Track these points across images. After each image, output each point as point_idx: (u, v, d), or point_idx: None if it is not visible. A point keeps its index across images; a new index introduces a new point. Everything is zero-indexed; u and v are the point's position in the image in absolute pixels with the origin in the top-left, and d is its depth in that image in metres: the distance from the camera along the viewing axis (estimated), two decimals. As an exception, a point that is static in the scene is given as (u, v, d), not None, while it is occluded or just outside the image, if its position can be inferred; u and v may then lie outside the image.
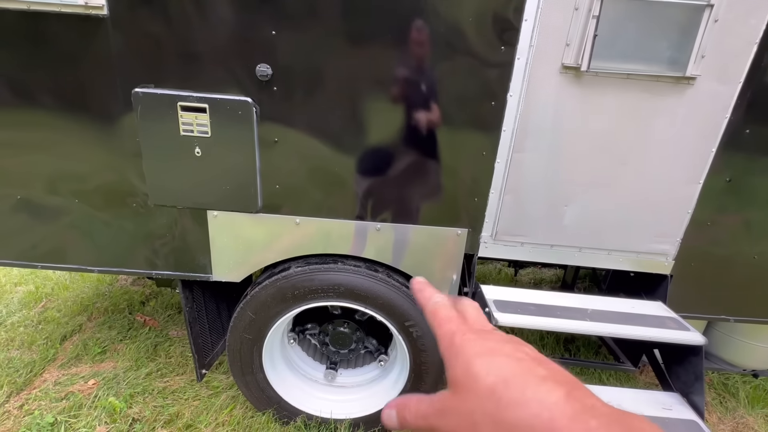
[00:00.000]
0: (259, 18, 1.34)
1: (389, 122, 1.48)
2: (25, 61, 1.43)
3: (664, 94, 1.39)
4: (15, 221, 1.66)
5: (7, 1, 1.34)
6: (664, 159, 1.48)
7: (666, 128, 1.44)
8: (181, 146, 1.50)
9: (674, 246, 1.62)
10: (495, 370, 0.27)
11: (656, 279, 1.72)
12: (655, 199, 1.54)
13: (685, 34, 1.31)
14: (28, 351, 2.43)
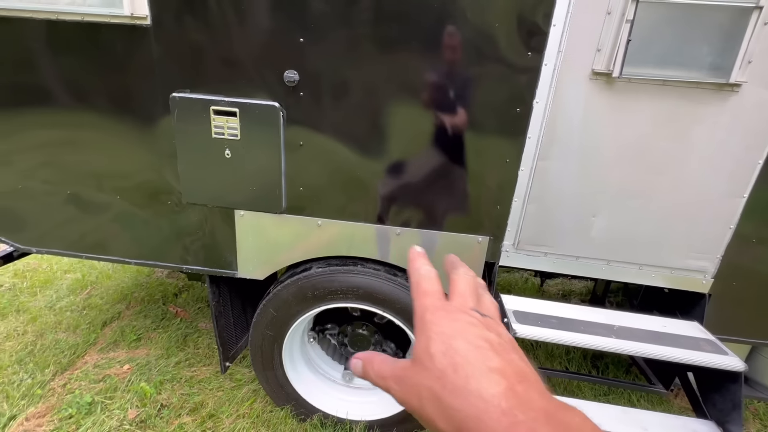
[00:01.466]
0: (288, 26, 1.39)
1: (412, 128, 1.48)
2: (77, 67, 1.56)
3: (704, 102, 1.31)
4: (65, 214, 1.80)
5: (65, 14, 1.46)
6: (703, 170, 1.39)
7: (706, 138, 1.35)
8: (213, 148, 1.58)
9: (713, 263, 1.51)
10: (449, 354, 0.27)
11: (693, 298, 1.61)
12: (693, 212, 1.44)
13: (729, 38, 1.23)
14: (73, 334, 2.62)
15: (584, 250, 1.55)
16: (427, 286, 0.34)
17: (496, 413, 0.24)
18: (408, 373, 0.30)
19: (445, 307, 0.32)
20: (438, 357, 0.28)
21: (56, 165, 1.72)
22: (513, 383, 0.25)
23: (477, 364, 0.27)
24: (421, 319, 0.31)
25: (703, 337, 1.46)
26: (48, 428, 1.92)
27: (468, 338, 0.28)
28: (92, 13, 1.45)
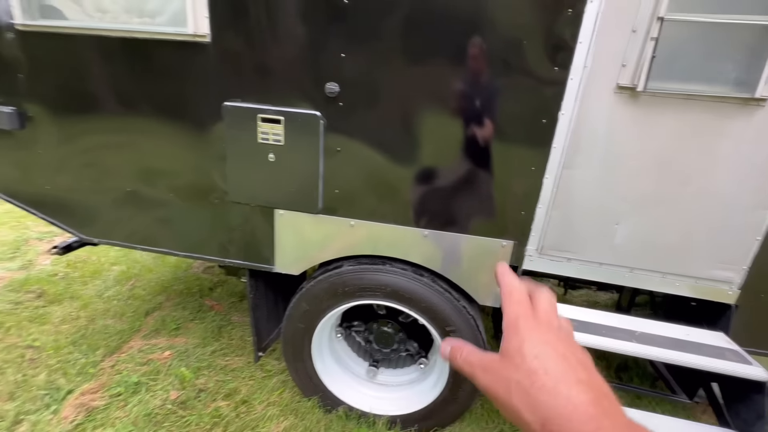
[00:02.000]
0: (330, 43, 1.53)
1: (442, 136, 1.59)
2: (143, 78, 1.76)
3: (730, 116, 1.35)
4: (122, 209, 2.00)
5: (138, 32, 1.66)
6: (729, 182, 1.42)
7: (731, 151, 1.38)
8: (258, 152, 1.74)
9: (740, 274, 1.52)
10: (542, 358, 0.32)
11: (719, 309, 1.62)
12: (718, 223, 1.47)
13: (754, 54, 1.27)
14: (120, 321, 2.85)
15: (607, 256, 1.59)
16: (518, 296, 0.38)
17: (585, 416, 0.28)
18: (496, 366, 0.34)
19: (536, 318, 0.36)
20: (530, 358, 0.32)
21: (118, 165, 1.92)
22: (599, 396, 0.29)
23: (566, 373, 0.31)
24: (514, 324, 0.36)
25: (727, 347, 1.47)
26: (100, 403, 2.11)
27: (557, 350, 0.33)
28: (161, 32, 1.64)
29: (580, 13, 1.33)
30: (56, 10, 1.78)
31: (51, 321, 2.79)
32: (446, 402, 2.00)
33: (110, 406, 2.10)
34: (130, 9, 1.72)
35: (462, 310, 1.82)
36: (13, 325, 2.71)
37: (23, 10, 1.74)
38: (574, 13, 1.34)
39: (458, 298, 1.82)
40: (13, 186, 2.09)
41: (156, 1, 1.70)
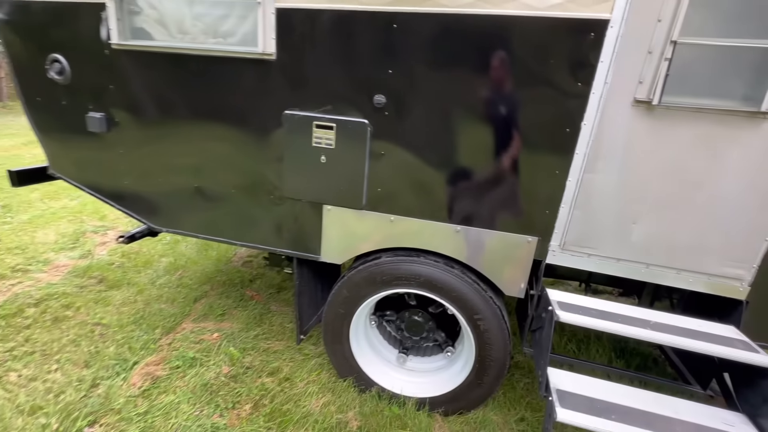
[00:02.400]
0: (380, 61, 1.78)
1: (476, 142, 1.79)
2: (216, 89, 2.04)
3: (738, 127, 1.51)
4: (190, 203, 2.29)
5: (215, 51, 1.95)
6: (738, 186, 1.57)
7: (741, 158, 1.54)
8: (312, 154, 1.99)
9: (750, 272, 1.66)
10: None
11: (731, 304, 1.75)
12: (729, 224, 1.62)
13: (760, 73, 1.43)
14: (171, 305, 3.15)
15: (625, 253, 1.76)
16: None
17: None
18: None
19: None
20: None
21: (188, 164, 2.21)
22: None
23: None
24: None
25: (737, 338, 1.60)
26: (162, 373, 2.39)
27: None
28: (234, 51, 1.93)
29: (601, 37, 1.53)
30: (145, 32, 2.10)
31: (112, 303, 3.12)
32: (472, 386, 2.18)
33: (171, 376, 2.38)
34: (206, 31, 2.01)
35: (489, 300, 2.00)
36: (82, 306, 3.05)
37: (119, 32, 2.07)
38: (596, 37, 1.53)
39: (486, 289, 2.01)
40: (97, 181, 2.42)
41: (229, 25, 1.99)
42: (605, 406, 1.49)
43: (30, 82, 2.32)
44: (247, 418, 2.15)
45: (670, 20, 1.45)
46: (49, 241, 4.18)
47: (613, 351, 2.92)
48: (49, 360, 2.47)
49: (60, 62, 2.21)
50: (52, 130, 2.41)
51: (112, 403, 2.17)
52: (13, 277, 3.42)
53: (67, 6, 2.10)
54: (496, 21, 1.61)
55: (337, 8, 1.75)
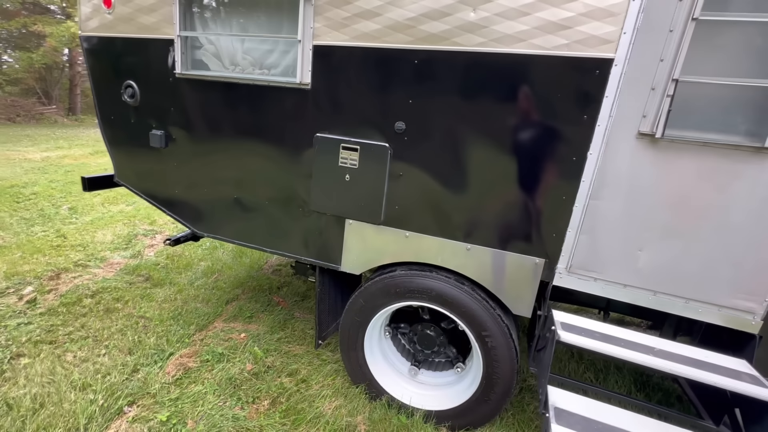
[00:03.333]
0: (401, 93, 1.98)
1: (488, 168, 1.93)
2: (258, 113, 2.33)
3: (744, 161, 1.55)
4: (230, 212, 2.57)
5: (259, 81, 2.24)
6: (747, 219, 1.59)
7: (748, 192, 1.57)
8: (338, 173, 2.20)
9: (762, 306, 1.64)
10: None
11: (745, 338, 1.73)
12: (738, 256, 1.63)
13: (762, 110, 1.48)
14: (206, 305, 3.43)
15: (631, 279, 1.79)
16: None
17: None
18: None
19: None
20: None
21: (229, 178, 2.50)
22: None
23: None
24: None
25: (746, 371, 1.59)
26: (194, 365, 2.63)
27: None
28: (276, 80, 2.21)
29: (606, 75, 1.64)
30: (203, 63, 2.44)
31: (155, 299, 3.45)
32: (479, 402, 2.23)
33: (201, 369, 2.61)
34: (254, 63, 2.32)
35: (497, 318, 2.08)
36: (130, 300, 3.40)
37: (182, 63, 2.42)
38: (601, 74, 1.65)
39: (494, 307, 2.10)
40: (153, 189, 2.77)
41: (273, 58, 2.28)
42: (602, 428, 1.52)
43: (107, 103, 2.73)
44: (265, 413, 2.31)
45: (672, 60, 1.55)
46: (106, 241, 4.67)
47: (634, 384, 2.85)
48: (99, 345, 2.78)
49: (133, 87, 2.60)
50: (120, 144, 2.80)
51: (149, 388, 2.42)
52: (75, 271, 3.87)
53: (142, 41, 2.49)
54: (506, 59, 1.77)
55: (365, 46, 1.99)
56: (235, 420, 2.22)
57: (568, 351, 3.11)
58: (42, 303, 3.24)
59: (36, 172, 7.85)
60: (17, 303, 3.20)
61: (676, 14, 1.51)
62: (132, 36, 2.51)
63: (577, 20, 1.63)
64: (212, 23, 2.35)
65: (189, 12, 2.35)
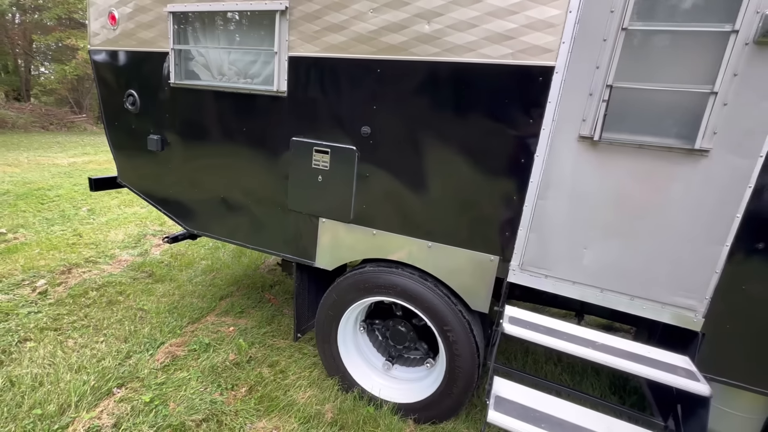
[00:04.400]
0: (366, 99, 2.13)
1: (443, 168, 2.04)
2: (239, 118, 2.52)
3: (678, 162, 1.61)
4: (218, 211, 2.76)
5: (240, 89, 2.43)
6: (683, 218, 1.64)
7: (684, 192, 1.63)
8: (311, 174, 2.36)
9: (703, 304, 1.69)
10: None
11: (689, 335, 1.77)
12: (677, 254, 1.68)
13: (691, 114, 1.55)
14: (201, 300, 3.63)
15: (579, 276, 1.86)
16: None
17: None
18: None
19: None
20: None
21: (217, 178, 2.69)
22: None
23: None
24: None
25: (683, 366, 1.63)
26: (181, 354, 2.81)
27: None
28: (256, 89, 2.40)
29: (548, 81, 1.74)
30: (195, 74, 2.66)
31: (155, 294, 3.68)
32: (443, 396, 2.31)
33: (188, 357, 2.78)
34: (239, 73, 2.52)
35: (458, 313, 2.17)
36: (131, 293, 3.64)
37: (176, 73, 2.64)
38: (544, 81, 1.75)
39: (456, 302, 2.19)
40: (150, 189, 3.00)
41: (255, 68, 2.47)
42: (539, 416, 1.59)
43: (111, 110, 2.99)
44: (242, 399, 2.46)
45: (606, 67, 1.64)
46: (118, 240, 4.98)
47: (609, 387, 2.86)
48: (99, 333, 3.00)
49: (134, 96, 2.85)
50: (122, 148, 3.05)
51: (138, 372, 2.60)
52: (85, 267, 4.15)
53: (142, 54, 2.73)
54: (458, 67, 1.89)
55: (333, 56, 2.15)
56: (212, 404, 2.38)
57: (546, 353, 3.15)
58: (52, 294, 3.51)
59: (62, 176, 8.36)
60: (30, 294, 3.48)
61: (608, 25, 1.61)
62: (133, 49, 2.76)
63: (520, 31, 1.75)
64: (202, 37, 2.57)
65: (182, 27, 2.58)
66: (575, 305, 2.66)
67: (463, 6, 1.82)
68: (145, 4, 2.63)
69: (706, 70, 1.52)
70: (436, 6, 1.87)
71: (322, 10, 2.13)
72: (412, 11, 1.92)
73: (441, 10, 1.86)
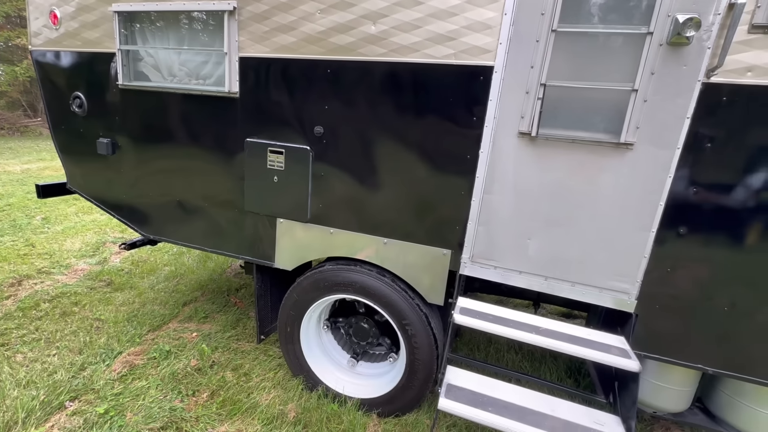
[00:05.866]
0: (317, 99, 2.14)
1: (395, 166, 2.09)
2: (191, 120, 2.48)
3: (607, 155, 1.73)
4: (174, 215, 2.70)
5: (192, 90, 2.40)
6: (613, 207, 1.76)
7: (613, 182, 1.74)
8: (267, 175, 2.35)
9: (634, 286, 1.81)
10: None
11: (625, 317, 1.89)
12: (610, 241, 1.80)
13: (617, 110, 1.66)
14: (163, 307, 3.54)
15: (525, 266, 1.96)
16: None
17: None
18: None
19: None
20: None
21: (172, 182, 2.64)
22: None
23: None
24: None
25: (618, 346, 1.74)
26: (140, 362, 2.74)
27: None
28: (208, 90, 2.37)
29: (488, 80, 1.82)
30: (144, 75, 2.59)
31: (114, 303, 3.55)
32: (405, 388, 2.37)
33: (147, 365, 2.71)
34: (190, 74, 2.48)
35: (416, 307, 2.23)
36: (87, 303, 3.50)
37: (124, 75, 2.57)
38: (484, 80, 1.83)
39: (413, 297, 2.24)
40: (102, 194, 2.90)
41: (207, 69, 2.44)
42: (487, 400, 1.67)
43: (57, 113, 2.87)
44: (203, 404, 2.43)
45: (539, 66, 1.73)
46: (74, 249, 4.76)
47: (565, 371, 3.00)
48: (51, 346, 2.88)
49: (80, 98, 2.75)
50: (71, 152, 2.94)
51: (93, 384, 2.52)
52: (37, 278, 3.96)
53: (87, 55, 2.64)
54: (404, 67, 1.94)
55: (284, 57, 2.16)
56: (172, 411, 2.33)
57: (507, 343, 3.26)
58: (0, 308, 3.33)
59: (14, 184, 7.90)
60: (-25, 309, 3.29)
61: (540, 26, 1.70)
62: (78, 50, 2.66)
63: (460, 32, 1.82)
64: (150, 37, 2.51)
65: (129, 27, 2.51)
66: (532, 295, 2.79)
67: (406, 8, 1.87)
68: (88, 3, 2.54)
69: (627, 69, 1.63)
70: (381, 7, 1.91)
71: (270, 11, 2.13)
72: (359, 12, 1.96)
73: (385, 12, 1.91)
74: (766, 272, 1.64)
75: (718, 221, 1.65)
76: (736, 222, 1.63)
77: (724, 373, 1.77)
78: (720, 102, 1.57)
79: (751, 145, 1.58)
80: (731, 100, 1.56)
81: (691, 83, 1.58)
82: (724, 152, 1.61)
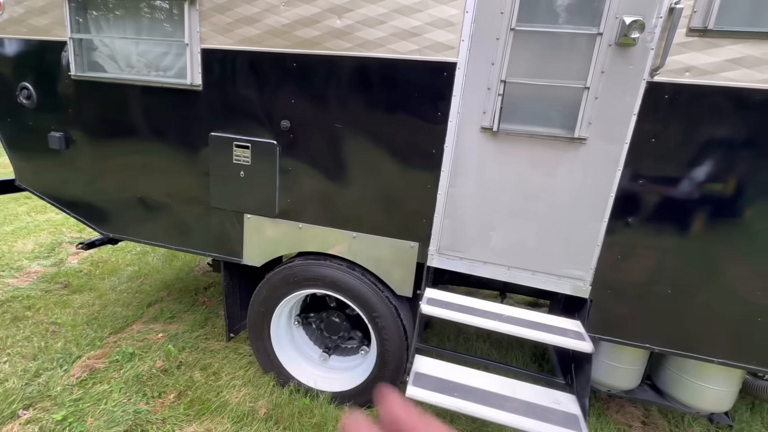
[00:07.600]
0: (285, 93, 2.12)
1: (361, 160, 2.11)
2: (153, 113, 2.39)
3: (562, 150, 1.82)
4: (134, 211, 2.60)
5: (152, 82, 2.31)
6: (569, 198, 1.86)
7: (568, 175, 1.84)
8: (233, 170, 2.31)
9: (589, 273, 1.92)
10: None
11: (581, 302, 2.01)
12: (566, 231, 1.90)
13: (571, 107, 1.75)
14: (126, 309, 3.41)
15: (488, 256, 2.03)
16: None
17: None
18: None
19: None
20: None
21: (132, 177, 2.54)
22: None
23: None
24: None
25: (574, 329, 1.85)
26: (101, 366, 2.63)
27: None
28: (168, 82, 2.29)
29: (452, 76, 1.87)
30: (99, 65, 2.47)
31: (72, 306, 3.38)
32: (376, 379, 2.40)
33: (108, 369, 2.61)
34: (149, 65, 2.39)
35: (386, 300, 2.26)
36: (42, 307, 3.31)
37: (77, 65, 2.44)
38: (448, 76, 1.87)
39: (383, 289, 2.28)
40: (56, 191, 2.75)
41: (168, 61, 2.36)
42: (452, 386, 1.73)
43: (2, 105, 2.69)
44: (170, 406, 2.37)
45: (500, 64, 1.79)
46: (26, 251, 4.48)
47: (530, 357, 3.14)
48: (1, 353, 2.71)
49: (28, 89, 2.58)
50: (19, 147, 2.76)
51: (50, 391, 2.40)
52: (-16, 282, 3.70)
53: (35, 43, 2.49)
54: (370, 62, 1.96)
55: (248, 49, 2.12)
56: (136, 414, 2.26)
57: (476, 332, 3.37)
58: (-59, 315, 3.10)
59: (-46, 181, 7.30)
60: None
61: (500, 25, 1.76)
62: (24, 37, 2.50)
63: (424, 29, 1.85)
64: (105, 26, 2.39)
65: (81, 14, 2.38)
66: (499, 285, 2.89)
67: (371, 3, 1.88)
68: (35, -13, 2.39)
69: (580, 67, 1.72)
70: (346, 2, 1.91)
71: (233, 1, 2.08)
72: (324, 6, 1.95)
73: (350, 6, 1.91)
74: (703, 257, 1.79)
75: (661, 211, 1.78)
76: (677, 212, 1.76)
77: (669, 351, 1.92)
78: (662, 100, 1.69)
79: (690, 140, 1.71)
80: (672, 98, 1.68)
81: (637, 82, 1.68)
82: (667, 147, 1.74)
